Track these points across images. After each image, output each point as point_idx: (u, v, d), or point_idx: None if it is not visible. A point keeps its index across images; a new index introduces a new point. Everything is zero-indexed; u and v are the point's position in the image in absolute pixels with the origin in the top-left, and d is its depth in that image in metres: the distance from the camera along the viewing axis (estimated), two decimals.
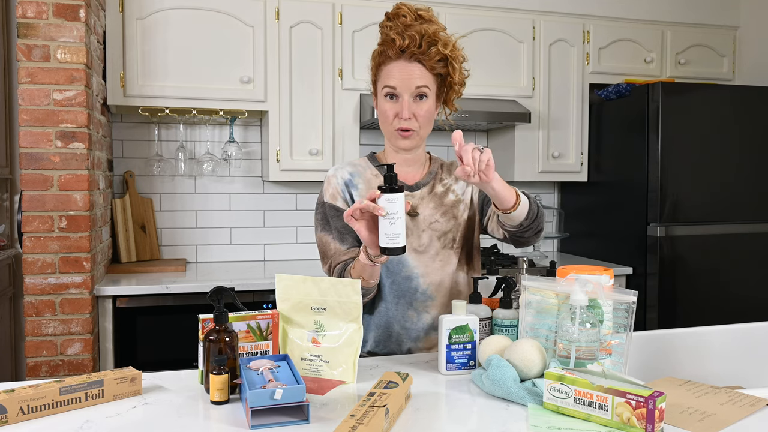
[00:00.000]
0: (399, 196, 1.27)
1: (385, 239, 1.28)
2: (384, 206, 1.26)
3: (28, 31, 2.25)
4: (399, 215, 1.27)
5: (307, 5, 2.91)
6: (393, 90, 1.47)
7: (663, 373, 1.56)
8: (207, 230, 3.19)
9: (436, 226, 1.55)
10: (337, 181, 1.57)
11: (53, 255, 2.31)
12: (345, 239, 1.54)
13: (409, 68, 1.45)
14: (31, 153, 2.27)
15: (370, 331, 1.56)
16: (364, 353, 1.58)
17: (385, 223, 1.28)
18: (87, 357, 2.35)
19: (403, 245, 1.29)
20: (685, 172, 2.92)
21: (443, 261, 1.55)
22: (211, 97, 2.81)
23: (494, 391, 1.17)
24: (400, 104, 1.47)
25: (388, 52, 1.47)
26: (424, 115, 1.48)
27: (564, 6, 3.25)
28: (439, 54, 1.44)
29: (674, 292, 2.94)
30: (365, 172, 1.58)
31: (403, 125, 1.47)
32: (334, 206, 1.55)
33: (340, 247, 1.53)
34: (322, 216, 1.57)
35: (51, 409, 1.08)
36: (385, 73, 1.48)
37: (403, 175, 1.58)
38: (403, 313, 1.53)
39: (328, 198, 1.57)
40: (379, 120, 1.55)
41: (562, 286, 1.22)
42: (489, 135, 3.56)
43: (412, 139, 1.50)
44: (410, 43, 1.43)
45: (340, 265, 1.51)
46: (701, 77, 3.49)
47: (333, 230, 1.55)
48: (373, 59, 1.53)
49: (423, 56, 1.44)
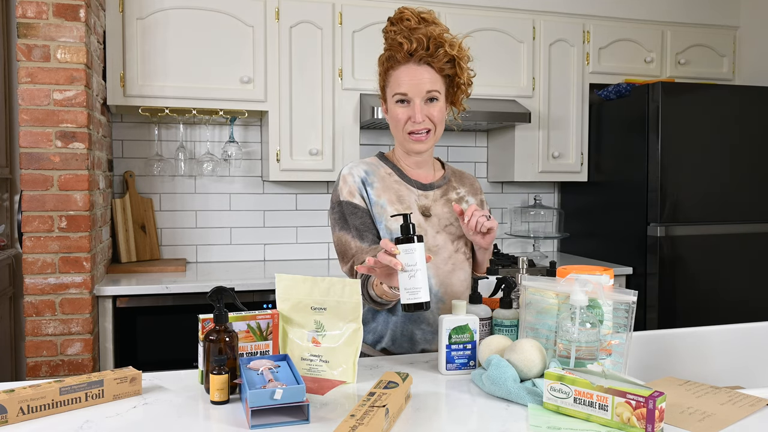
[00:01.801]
0: (418, 247, 1.19)
1: (405, 295, 1.19)
2: (402, 259, 1.19)
3: (28, 31, 2.25)
4: (419, 267, 1.18)
5: (307, 5, 2.91)
6: (404, 96, 1.48)
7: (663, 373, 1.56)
8: (207, 230, 3.19)
9: (451, 229, 1.56)
10: (353, 178, 1.56)
11: (53, 255, 2.31)
12: (364, 236, 1.51)
13: (418, 72, 1.46)
14: (31, 153, 2.27)
15: (388, 329, 1.56)
16: (377, 351, 1.57)
17: (404, 276, 1.19)
18: (87, 357, 2.35)
19: (427, 300, 1.19)
20: (685, 172, 2.92)
21: (455, 264, 1.56)
22: (211, 97, 2.81)
23: (494, 391, 1.17)
24: (412, 108, 1.47)
25: (396, 56, 1.47)
26: (437, 115, 1.49)
27: (564, 6, 3.25)
28: (447, 55, 1.46)
29: (674, 292, 2.94)
30: (378, 170, 1.58)
31: (417, 128, 1.48)
32: (352, 203, 1.53)
33: (360, 245, 1.50)
34: (339, 215, 1.55)
35: (51, 409, 1.08)
36: (395, 78, 1.49)
37: (416, 176, 1.59)
38: (418, 314, 1.53)
39: (345, 195, 1.54)
40: (390, 125, 1.56)
41: (562, 286, 1.22)
42: (489, 135, 3.56)
43: (427, 142, 1.51)
44: (418, 46, 1.44)
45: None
46: (701, 77, 3.49)
47: (352, 228, 1.52)
48: (381, 64, 1.53)
49: (431, 58, 1.45)
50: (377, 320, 1.57)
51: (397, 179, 1.57)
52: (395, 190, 1.56)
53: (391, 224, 1.51)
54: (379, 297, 1.39)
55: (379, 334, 1.57)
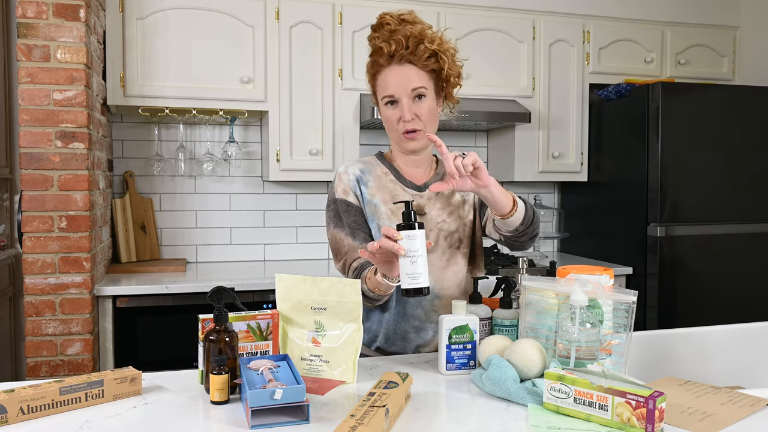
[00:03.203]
0: (419, 233, 1.22)
1: (406, 279, 1.22)
2: (403, 245, 1.21)
3: (28, 31, 2.25)
4: (420, 253, 1.21)
5: (307, 5, 2.91)
6: (392, 97, 1.48)
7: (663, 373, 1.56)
8: (207, 230, 3.19)
9: (443, 225, 1.56)
10: (348, 177, 1.57)
11: (53, 255, 2.31)
12: (357, 234, 1.54)
13: (402, 71, 1.47)
14: (31, 153, 2.27)
15: (381, 328, 1.56)
16: (372, 351, 1.58)
17: (405, 262, 1.22)
18: (87, 357, 2.35)
19: (427, 285, 1.23)
20: (685, 172, 2.92)
21: (449, 261, 1.56)
22: (211, 97, 2.81)
23: (494, 391, 1.17)
24: (401, 108, 1.48)
25: (379, 60, 1.49)
26: (425, 113, 1.49)
27: (564, 6, 3.25)
28: (428, 50, 1.46)
29: (674, 292, 2.94)
30: (375, 169, 1.59)
31: (408, 127, 1.48)
32: (346, 201, 1.56)
33: (353, 243, 1.53)
34: (334, 213, 1.57)
35: (51, 409, 1.08)
36: (381, 81, 1.50)
37: (411, 176, 1.59)
38: (412, 312, 1.54)
39: (339, 193, 1.57)
40: (385, 127, 1.58)
41: (562, 286, 1.22)
42: (489, 135, 3.56)
43: (419, 140, 1.51)
44: (398, 47, 1.45)
45: (356, 263, 1.51)
46: (701, 77, 3.49)
47: (345, 226, 1.55)
48: (368, 71, 1.55)
49: (413, 56, 1.46)
50: (372, 320, 1.58)
51: (393, 179, 1.58)
52: (390, 189, 1.56)
53: (385, 222, 1.52)
54: (371, 291, 1.40)
55: (373, 333, 1.58)
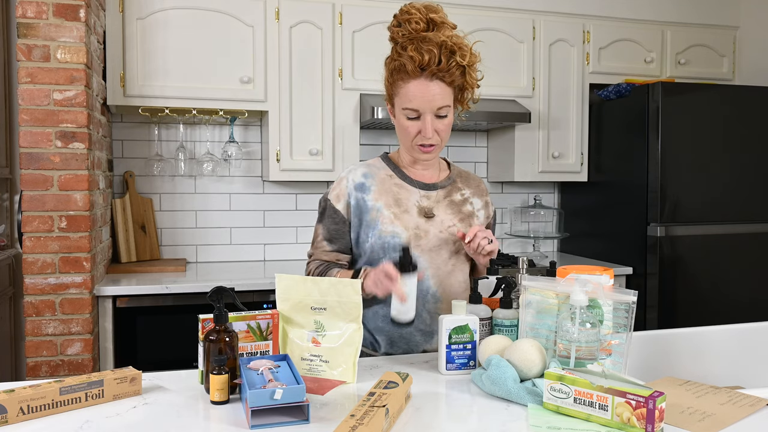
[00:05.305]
0: (413, 277, 1.38)
1: (395, 312, 1.40)
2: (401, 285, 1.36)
3: (28, 31, 2.25)
4: (411, 293, 1.38)
5: (307, 5, 2.91)
6: (415, 112, 1.46)
7: (663, 373, 1.56)
8: (207, 230, 3.19)
9: (453, 230, 1.56)
10: (347, 183, 1.57)
11: (53, 255, 2.31)
12: (333, 241, 1.58)
13: (429, 88, 1.43)
14: (31, 153, 2.27)
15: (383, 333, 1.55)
16: (379, 356, 1.56)
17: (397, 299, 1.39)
18: (87, 357, 2.35)
19: (413, 318, 1.42)
20: (685, 172, 2.92)
21: (455, 265, 1.56)
22: (211, 97, 2.81)
23: (494, 391, 1.17)
24: (422, 123, 1.46)
25: (407, 67, 1.42)
26: (444, 129, 1.50)
27: (564, 6, 3.25)
28: (459, 67, 1.43)
29: (674, 292, 2.94)
30: (379, 172, 1.59)
31: (427, 142, 1.49)
32: (334, 207, 1.57)
33: (326, 246, 1.58)
34: (322, 209, 1.61)
35: (51, 409, 1.08)
36: (405, 91, 1.45)
37: (419, 177, 1.59)
38: (417, 315, 1.52)
39: (332, 197, 1.58)
40: (398, 132, 1.56)
41: (562, 286, 1.22)
42: (489, 135, 3.56)
43: (434, 152, 1.53)
44: (430, 61, 1.40)
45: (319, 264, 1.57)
46: (701, 77, 3.49)
47: (326, 229, 1.59)
48: (387, 67, 1.50)
49: (443, 73, 1.42)
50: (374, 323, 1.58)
51: (398, 181, 1.57)
52: (394, 192, 1.55)
53: (386, 227, 1.51)
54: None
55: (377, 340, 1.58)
